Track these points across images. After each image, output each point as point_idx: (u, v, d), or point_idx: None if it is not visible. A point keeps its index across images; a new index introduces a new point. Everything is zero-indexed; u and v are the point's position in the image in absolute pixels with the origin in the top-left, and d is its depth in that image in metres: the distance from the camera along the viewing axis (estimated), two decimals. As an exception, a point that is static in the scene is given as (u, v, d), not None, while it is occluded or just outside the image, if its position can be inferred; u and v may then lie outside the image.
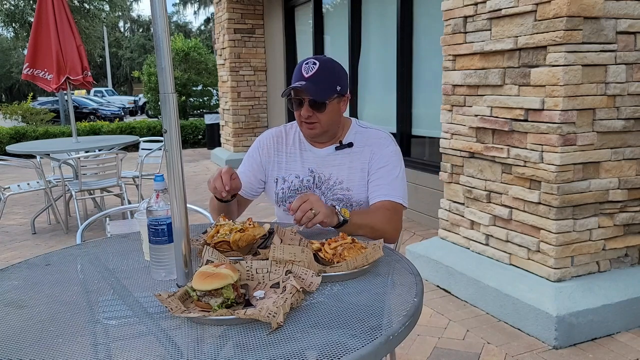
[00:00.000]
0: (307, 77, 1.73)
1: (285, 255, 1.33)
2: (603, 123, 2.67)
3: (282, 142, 1.94)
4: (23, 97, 25.41)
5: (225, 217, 1.61)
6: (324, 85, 1.74)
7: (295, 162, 1.91)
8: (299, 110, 1.78)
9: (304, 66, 1.76)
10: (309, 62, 1.76)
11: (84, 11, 24.87)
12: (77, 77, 5.57)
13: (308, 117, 1.77)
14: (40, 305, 1.23)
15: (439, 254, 3.43)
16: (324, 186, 1.86)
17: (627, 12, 2.61)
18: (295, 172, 1.90)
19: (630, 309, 2.73)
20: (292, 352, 0.98)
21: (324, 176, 1.87)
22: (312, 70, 1.74)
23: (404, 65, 5.18)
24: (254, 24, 8.85)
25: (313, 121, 1.78)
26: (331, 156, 1.87)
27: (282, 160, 1.92)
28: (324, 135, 1.85)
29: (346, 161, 1.86)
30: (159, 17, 1.20)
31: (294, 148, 1.92)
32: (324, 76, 1.75)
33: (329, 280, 1.30)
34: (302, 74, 1.74)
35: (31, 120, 14.27)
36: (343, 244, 1.41)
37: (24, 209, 6.14)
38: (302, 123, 1.82)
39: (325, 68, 1.76)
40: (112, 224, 2.95)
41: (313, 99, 1.74)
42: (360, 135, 1.89)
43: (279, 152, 1.93)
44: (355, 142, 1.87)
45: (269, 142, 1.96)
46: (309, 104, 1.75)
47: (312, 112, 1.76)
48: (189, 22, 79.15)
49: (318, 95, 1.74)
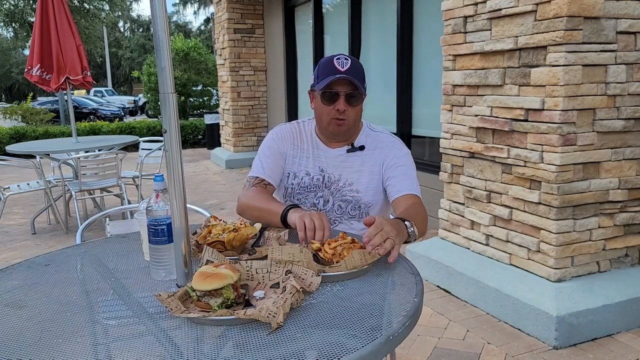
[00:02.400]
0: (344, 70, 1.72)
1: (283, 255, 1.33)
2: (603, 123, 2.67)
3: (297, 137, 1.94)
4: (23, 97, 25.40)
5: (215, 218, 1.62)
6: (360, 80, 1.75)
7: (307, 159, 1.91)
8: (333, 104, 1.76)
9: (336, 61, 1.74)
10: (340, 57, 1.75)
11: (84, 11, 24.84)
12: (77, 77, 5.57)
13: (343, 112, 1.76)
14: (40, 305, 1.23)
15: (439, 254, 3.43)
16: (333, 187, 1.87)
17: (627, 12, 2.61)
18: (306, 169, 1.90)
19: (630, 309, 2.73)
20: (292, 352, 0.98)
21: (334, 177, 1.87)
22: (347, 64, 1.73)
23: (404, 65, 5.18)
24: (254, 23, 8.85)
25: (344, 117, 1.77)
26: (342, 157, 1.88)
27: (296, 154, 1.91)
28: (347, 133, 1.85)
29: (357, 164, 1.87)
30: (158, 17, 1.20)
31: (308, 145, 1.92)
32: (358, 71, 1.76)
33: (328, 280, 1.30)
34: (336, 68, 1.73)
35: (31, 120, 14.26)
36: (343, 244, 1.41)
37: (24, 209, 6.14)
38: (331, 120, 1.79)
39: (358, 65, 1.78)
40: (112, 224, 2.95)
41: (351, 93, 1.74)
42: (371, 139, 1.90)
43: (295, 147, 1.92)
44: (367, 145, 1.88)
45: (287, 135, 1.94)
46: (345, 97, 1.75)
47: (347, 106, 1.76)
48: (189, 22, 79.18)
49: (360, 87, 1.74)
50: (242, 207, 1.81)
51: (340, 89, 1.75)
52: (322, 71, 1.77)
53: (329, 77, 1.73)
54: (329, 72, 1.74)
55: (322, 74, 1.77)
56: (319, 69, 1.80)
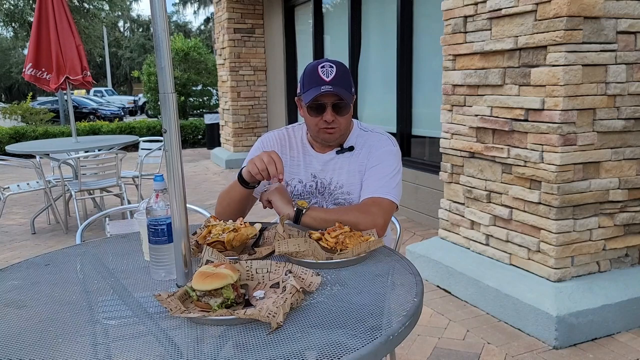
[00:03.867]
0: (328, 80, 1.69)
1: (290, 247, 1.38)
2: (603, 123, 2.67)
3: (285, 146, 1.90)
4: (23, 97, 25.39)
5: (215, 218, 1.62)
6: (346, 88, 1.72)
7: (298, 167, 1.88)
8: (320, 116, 1.73)
9: (321, 70, 1.70)
10: (324, 65, 1.72)
11: (84, 11, 24.85)
12: (77, 77, 5.57)
13: (332, 122, 1.73)
14: (40, 305, 1.23)
15: (439, 254, 3.43)
16: (326, 191, 1.85)
17: (627, 12, 2.61)
18: (298, 177, 1.87)
19: (630, 309, 2.73)
20: (292, 352, 0.97)
21: (325, 181, 1.85)
22: (332, 73, 1.70)
23: (404, 65, 5.18)
24: (254, 23, 8.84)
25: (334, 126, 1.75)
26: (333, 160, 1.85)
27: (286, 163, 1.86)
28: (339, 139, 1.82)
29: (345, 164, 1.84)
30: (158, 17, 1.20)
31: (297, 152, 1.89)
32: (343, 79, 1.72)
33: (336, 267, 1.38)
34: (321, 78, 1.69)
35: (31, 120, 14.26)
36: (344, 233, 1.48)
37: (24, 209, 6.13)
38: (320, 129, 1.77)
39: (343, 70, 1.73)
40: (111, 224, 2.95)
41: (337, 103, 1.71)
42: (361, 138, 1.87)
43: (283, 155, 1.87)
44: (356, 145, 1.85)
45: (273, 144, 1.91)
46: (332, 108, 1.72)
47: (335, 116, 1.73)
48: (189, 21, 79.14)
49: (345, 98, 1.70)
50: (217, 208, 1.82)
51: (327, 100, 1.71)
52: (307, 81, 1.73)
53: (314, 88, 1.69)
54: (314, 83, 1.70)
55: (308, 84, 1.73)
56: (304, 78, 1.76)
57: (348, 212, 1.66)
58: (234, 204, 1.77)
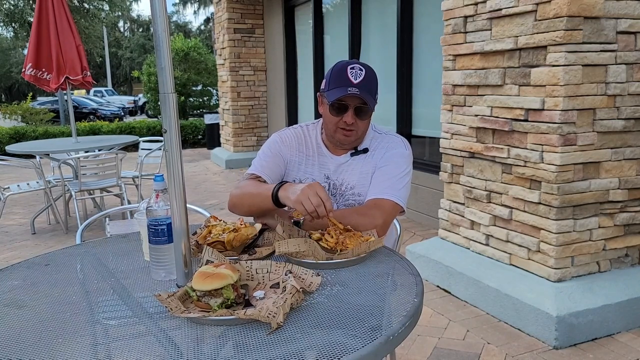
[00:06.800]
0: (356, 83, 1.68)
1: (290, 247, 1.39)
2: (603, 123, 2.67)
3: (302, 144, 1.89)
4: (23, 97, 25.39)
5: (215, 218, 1.62)
6: (371, 93, 1.71)
7: (313, 167, 1.87)
8: (341, 116, 1.72)
9: (350, 71, 1.69)
10: (354, 67, 1.71)
11: (84, 11, 24.85)
12: (77, 77, 5.57)
13: (352, 124, 1.72)
14: (40, 305, 1.23)
15: (439, 254, 3.43)
16: (337, 192, 1.84)
17: (627, 12, 2.61)
18: (312, 177, 1.86)
19: (630, 309, 2.73)
20: (291, 352, 0.97)
21: (338, 182, 1.84)
22: (360, 76, 1.69)
23: (404, 65, 5.18)
24: (254, 23, 8.84)
25: (353, 128, 1.74)
26: (347, 163, 1.84)
27: (302, 161, 1.87)
28: (354, 143, 1.82)
29: (358, 166, 1.83)
30: (158, 17, 1.20)
31: (313, 152, 1.88)
32: (370, 84, 1.71)
33: (336, 267, 1.38)
34: (349, 80, 1.68)
35: (31, 120, 14.25)
36: (344, 233, 1.49)
37: (24, 209, 6.13)
38: (337, 129, 1.76)
39: (371, 76, 1.73)
40: (111, 224, 2.95)
41: (360, 107, 1.71)
42: (375, 141, 1.86)
43: (300, 153, 1.87)
44: (370, 147, 1.85)
45: (291, 141, 1.89)
46: (354, 110, 1.71)
47: (355, 119, 1.72)
48: (189, 21, 79.08)
49: (369, 103, 1.70)
50: (234, 200, 1.77)
51: (350, 102, 1.70)
52: (334, 79, 1.72)
53: (340, 88, 1.68)
54: (341, 82, 1.69)
55: (334, 83, 1.71)
56: (331, 75, 1.74)
57: (347, 216, 1.64)
58: (255, 210, 1.75)
